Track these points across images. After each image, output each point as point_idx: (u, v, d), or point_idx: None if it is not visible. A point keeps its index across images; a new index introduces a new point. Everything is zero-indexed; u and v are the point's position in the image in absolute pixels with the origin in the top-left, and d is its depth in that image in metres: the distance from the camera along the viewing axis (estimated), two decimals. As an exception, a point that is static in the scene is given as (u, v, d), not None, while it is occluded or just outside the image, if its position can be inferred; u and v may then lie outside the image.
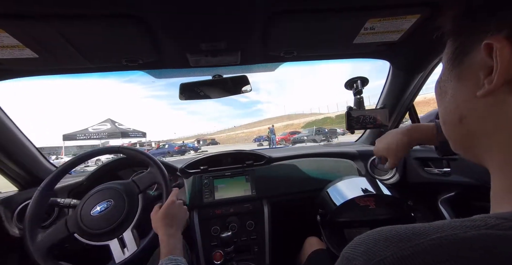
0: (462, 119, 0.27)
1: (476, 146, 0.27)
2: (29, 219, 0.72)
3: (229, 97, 1.04)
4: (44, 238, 0.71)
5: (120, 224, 0.71)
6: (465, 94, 0.26)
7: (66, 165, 0.82)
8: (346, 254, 0.22)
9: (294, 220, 1.27)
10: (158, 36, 0.67)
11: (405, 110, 1.13)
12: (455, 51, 0.26)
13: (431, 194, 1.04)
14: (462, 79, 0.26)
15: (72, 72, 0.86)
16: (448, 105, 0.29)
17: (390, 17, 0.65)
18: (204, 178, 1.09)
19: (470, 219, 0.20)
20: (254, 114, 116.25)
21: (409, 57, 0.93)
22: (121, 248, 0.69)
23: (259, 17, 0.62)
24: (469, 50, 0.25)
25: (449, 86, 0.28)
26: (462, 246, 0.17)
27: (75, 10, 0.54)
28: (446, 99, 0.29)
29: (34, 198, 0.74)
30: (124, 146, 0.88)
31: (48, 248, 0.70)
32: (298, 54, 0.85)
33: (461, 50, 0.26)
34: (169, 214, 0.67)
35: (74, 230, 0.72)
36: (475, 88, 0.24)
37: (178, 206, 0.71)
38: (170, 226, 0.64)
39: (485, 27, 0.23)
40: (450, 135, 0.31)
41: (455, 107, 0.28)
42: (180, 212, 0.70)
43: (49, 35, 0.60)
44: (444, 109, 0.30)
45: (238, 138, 50.69)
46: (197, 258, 0.99)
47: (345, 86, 0.88)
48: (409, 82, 1.03)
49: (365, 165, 1.21)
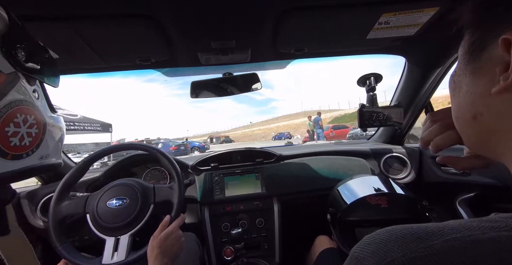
0: (476, 116, 0.26)
1: (493, 142, 0.25)
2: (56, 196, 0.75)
3: (244, 95, 1.05)
4: (63, 207, 0.75)
5: (124, 226, 0.72)
6: (481, 90, 0.25)
7: (94, 155, 0.84)
8: (355, 254, 0.21)
9: (304, 218, 1.26)
10: (170, 36, 0.68)
11: (421, 108, 1.09)
12: (472, 44, 0.25)
13: (448, 194, 1.00)
14: (478, 74, 0.25)
15: (88, 71, 0.90)
16: (462, 100, 0.28)
17: (407, 11, 0.62)
18: (214, 175, 1.10)
19: (489, 219, 0.19)
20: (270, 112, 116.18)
21: (426, 52, 0.89)
22: (113, 250, 0.70)
23: (269, 15, 0.62)
24: (486, 45, 0.24)
25: (464, 81, 0.27)
26: (480, 248, 0.17)
27: (92, 11, 0.56)
28: (460, 94, 0.28)
29: (57, 191, 0.77)
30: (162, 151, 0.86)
31: (63, 216, 0.74)
32: (309, 51, 0.84)
33: (478, 44, 0.25)
34: (166, 244, 0.66)
35: (88, 211, 0.75)
36: (491, 85, 0.23)
37: (177, 237, 0.70)
38: (162, 256, 0.64)
39: (504, 22, 0.22)
40: (464, 131, 0.29)
41: (470, 103, 0.26)
42: (176, 245, 0.69)
43: (68, 36, 0.63)
44: (457, 104, 0.29)
45: (254, 135, 47.65)
46: (208, 254, 1.01)
47: (358, 83, 0.86)
48: (425, 79, 0.99)
49: (378, 163, 1.18)
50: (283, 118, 60.31)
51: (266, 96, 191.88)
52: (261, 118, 72.22)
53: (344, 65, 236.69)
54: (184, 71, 1.01)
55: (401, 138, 1.27)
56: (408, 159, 1.16)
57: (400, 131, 1.24)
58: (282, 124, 48.12)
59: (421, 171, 1.11)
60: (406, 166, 1.16)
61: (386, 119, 0.80)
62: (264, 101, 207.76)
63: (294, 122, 44.60)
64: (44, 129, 0.50)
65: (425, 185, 1.09)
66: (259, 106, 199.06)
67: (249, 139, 45.46)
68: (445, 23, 0.68)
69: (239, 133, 58.14)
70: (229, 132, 65.34)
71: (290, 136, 27.86)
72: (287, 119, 51.00)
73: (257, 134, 46.97)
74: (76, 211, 0.75)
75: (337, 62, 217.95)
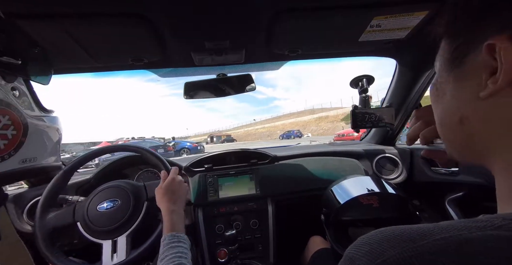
0: (463, 121, 0.26)
1: (478, 146, 0.26)
2: (40, 210, 0.73)
3: (245, 94, 1.04)
4: (50, 219, 0.73)
5: (119, 227, 0.71)
6: (466, 95, 0.25)
7: (76, 163, 0.82)
8: (349, 254, 0.22)
9: (299, 219, 1.26)
10: (164, 35, 0.68)
11: (412, 109, 1.11)
12: (454, 51, 0.26)
13: (438, 194, 1.03)
14: (463, 80, 0.26)
15: (80, 71, 0.88)
16: (447, 106, 0.28)
17: (397, 14, 0.64)
18: (208, 176, 1.10)
19: (476, 219, 0.20)
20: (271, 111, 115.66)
21: (416, 55, 0.91)
22: (112, 252, 0.69)
23: (263, 16, 0.62)
24: (469, 51, 0.24)
25: (447, 88, 0.28)
26: (467, 247, 0.17)
27: (82, 9, 0.55)
28: (444, 101, 0.28)
29: (44, 193, 0.75)
30: (145, 147, 0.87)
31: (52, 228, 0.72)
32: (303, 53, 0.85)
33: (460, 50, 0.25)
34: (171, 190, 0.69)
35: (78, 219, 0.73)
36: (477, 89, 0.23)
37: (179, 182, 0.73)
38: (172, 202, 0.67)
39: (487, 28, 0.22)
40: (448, 137, 0.30)
41: (456, 109, 0.27)
42: (181, 189, 0.72)
43: (57, 34, 0.61)
44: (442, 110, 0.29)
45: (258, 133, 45.43)
46: (201, 256, 1.00)
47: (350, 84, 0.87)
48: (416, 80, 1.01)
49: (370, 164, 1.20)
50: (287, 116, 57.80)
51: (268, 95, 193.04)
52: (262, 117, 68.52)
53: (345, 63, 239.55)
54: (178, 72, 1.00)
55: (393, 139, 1.30)
56: (400, 159, 1.18)
57: (392, 132, 1.27)
58: (289, 121, 46.21)
59: (412, 171, 1.13)
60: (397, 166, 1.18)
61: (378, 121, 0.81)
62: (265, 100, 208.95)
63: (302, 119, 42.68)
64: (25, 130, 0.46)
65: (416, 185, 1.11)
66: (260, 105, 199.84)
67: (252, 137, 43.36)
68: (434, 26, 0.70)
69: (241, 132, 55.81)
70: (231, 131, 62.83)
71: (300, 134, 26.07)
72: (291, 117, 48.80)
73: (261, 133, 45.08)
74: (65, 221, 0.74)
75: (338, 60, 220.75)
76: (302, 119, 42.76)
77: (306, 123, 38.23)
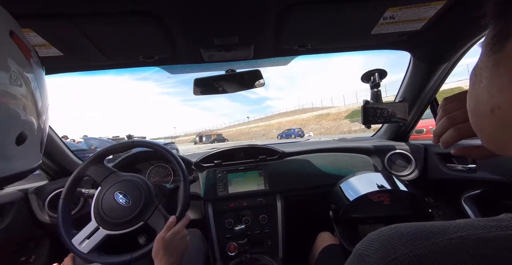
0: (494, 110, 0.25)
1: (506, 137, 0.25)
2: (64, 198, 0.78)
3: (238, 93, 1.04)
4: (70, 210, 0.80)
5: (115, 224, 0.73)
6: (502, 82, 0.24)
7: (101, 153, 0.85)
8: (359, 251, 0.21)
9: (307, 215, 1.26)
10: (173, 33, 0.68)
11: (427, 104, 1.07)
12: (495, 35, 0.24)
13: (453, 191, 0.99)
14: (501, 66, 0.24)
15: (91, 69, 0.90)
16: (480, 94, 0.27)
17: (412, 5, 0.61)
18: (218, 172, 1.11)
19: (496, 218, 0.19)
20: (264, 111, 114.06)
21: (432, 47, 0.87)
22: (86, 236, 0.73)
23: (272, 10, 0.61)
24: (510, 34, 0.22)
25: (485, 74, 0.26)
26: (484, 246, 0.16)
27: (94, 9, 0.56)
28: (479, 88, 0.27)
29: (70, 179, 0.80)
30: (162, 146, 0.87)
31: (73, 218, 0.79)
32: (313, 47, 0.83)
33: (502, 34, 0.23)
34: (173, 245, 0.66)
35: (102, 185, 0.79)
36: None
37: (183, 237, 0.70)
38: (169, 257, 0.64)
39: None
40: (480, 124, 0.28)
41: (488, 97, 0.25)
42: (182, 244, 0.70)
43: (72, 33, 0.63)
44: (475, 98, 0.28)
45: (252, 132, 41.79)
46: (212, 249, 1.02)
47: (362, 79, 0.84)
48: (431, 74, 0.97)
49: (382, 160, 1.17)
50: (277, 116, 52.91)
51: (260, 95, 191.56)
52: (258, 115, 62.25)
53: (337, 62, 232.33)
54: (187, 68, 1.01)
55: (406, 135, 1.26)
56: (413, 155, 1.15)
57: (404, 128, 1.23)
58: (285, 119, 42.36)
59: (426, 167, 1.10)
60: (410, 162, 1.15)
61: (391, 116, 0.78)
62: (258, 100, 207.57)
63: (300, 117, 39.04)
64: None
65: (430, 182, 1.08)
66: (253, 104, 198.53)
67: (246, 137, 39.78)
68: (452, 17, 0.66)
69: (233, 130, 51.29)
70: (223, 130, 57.63)
71: (302, 133, 22.77)
72: (284, 116, 45.19)
73: (256, 131, 41.16)
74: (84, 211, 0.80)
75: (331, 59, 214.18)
76: (300, 117, 39.20)
77: (305, 121, 35.12)
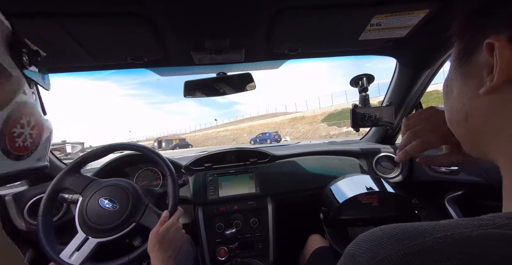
0: (467, 118, 0.27)
1: (483, 143, 0.27)
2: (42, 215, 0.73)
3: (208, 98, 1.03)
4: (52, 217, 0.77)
5: (104, 230, 0.70)
6: (470, 92, 0.26)
7: (77, 163, 0.82)
8: (350, 251, 0.22)
9: (298, 218, 1.27)
10: (163, 35, 0.67)
11: (412, 108, 1.11)
12: (461, 50, 0.27)
13: (437, 193, 1.03)
14: (468, 77, 0.27)
15: (77, 70, 0.88)
16: (454, 104, 0.29)
17: (397, 13, 0.64)
18: (208, 175, 1.10)
19: (478, 218, 0.20)
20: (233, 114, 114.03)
21: (416, 54, 0.91)
22: (76, 249, 0.69)
23: (263, 14, 0.62)
24: (474, 50, 0.25)
25: (455, 85, 0.29)
26: (468, 245, 0.17)
27: (81, 8, 0.55)
28: (452, 98, 0.30)
29: (46, 194, 0.76)
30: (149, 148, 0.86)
31: (54, 225, 0.76)
32: (303, 51, 0.84)
33: (466, 49, 0.26)
34: (167, 239, 0.65)
35: (83, 195, 0.76)
36: (479, 87, 0.25)
37: (177, 229, 0.69)
38: (165, 250, 0.63)
39: (487, 28, 0.23)
40: (458, 134, 0.31)
41: (461, 106, 0.28)
42: (178, 237, 0.69)
43: (56, 33, 0.61)
44: (450, 108, 0.31)
45: (220, 137, 37.07)
46: (202, 254, 1.00)
47: (350, 83, 0.87)
48: (416, 79, 1.01)
49: (369, 163, 1.20)
50: (251, 119, 47.95)
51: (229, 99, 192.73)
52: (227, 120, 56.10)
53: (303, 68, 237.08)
54: (178, 70, 1.00)
55: (393, 138, 1.30)
56: None
57: (391, 131, 1.27)
58: (257, 123, 38.78)
59: (412, 170, 1.13)
60: (397, 165, 1.18)
61: (378, 120, 0.81)
62: (227, 104, 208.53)
63: (272, 120, 36.40)
64: (41, 131, 0.50)
65: (416, 184, 1.11)
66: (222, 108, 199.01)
67: (213, 142, 35.26)
68: (434, 25, 0.70)
69: (199, 135, 45.47)
70: (188, 134, 50.54)
71: (279, 137, 20.64)
72: (256, 119, 41.72)
73: (225, 136, 36.87)
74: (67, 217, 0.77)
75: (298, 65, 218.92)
76: (273, 120, 36.55)
77: (279, 125, 33.11)
